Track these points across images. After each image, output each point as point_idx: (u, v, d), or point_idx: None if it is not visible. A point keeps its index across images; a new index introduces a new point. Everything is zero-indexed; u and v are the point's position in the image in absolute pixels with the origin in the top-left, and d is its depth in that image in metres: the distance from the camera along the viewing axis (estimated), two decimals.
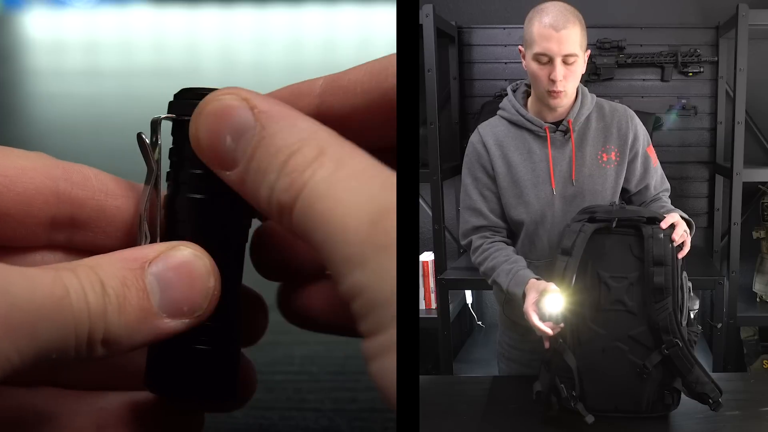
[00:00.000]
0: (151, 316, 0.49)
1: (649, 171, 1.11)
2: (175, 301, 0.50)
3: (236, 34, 3.00)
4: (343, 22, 3.08)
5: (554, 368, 0.93)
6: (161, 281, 0.49)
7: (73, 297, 0.46)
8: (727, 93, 1.80)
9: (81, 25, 3.16)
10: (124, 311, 0.48)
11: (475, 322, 2.00)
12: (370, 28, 2.91)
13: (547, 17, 1.03)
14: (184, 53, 2.77)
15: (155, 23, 3.17)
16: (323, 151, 0.47)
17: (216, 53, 2.77)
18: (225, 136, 0.48)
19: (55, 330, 0.45)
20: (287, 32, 3.00)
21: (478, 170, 1.11)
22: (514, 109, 1.10)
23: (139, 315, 0.48)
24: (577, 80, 1.06)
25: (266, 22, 3.14)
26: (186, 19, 3.18)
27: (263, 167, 0.47)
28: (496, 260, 1.06)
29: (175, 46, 2.85)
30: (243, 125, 0.48)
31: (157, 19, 3.23)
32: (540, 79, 1.05)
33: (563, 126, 1.08)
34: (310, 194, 0.46)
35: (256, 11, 3.19)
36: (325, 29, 3.03)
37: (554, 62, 1.02)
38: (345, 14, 3.11)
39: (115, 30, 3.04)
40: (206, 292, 0.51)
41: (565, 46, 1.02)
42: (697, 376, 0.91)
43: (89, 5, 3.34)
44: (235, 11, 3.19)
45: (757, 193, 1.76)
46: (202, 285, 0.51)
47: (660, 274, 0.91)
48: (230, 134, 0.48)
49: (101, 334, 0.47)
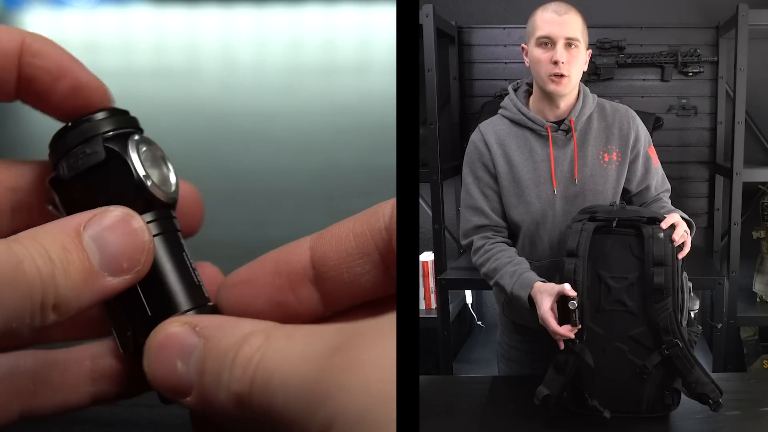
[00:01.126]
0: (93, 276, 0.51)
1: (650, 171, 1.11)
2: (114, 259, 0.52)
3: (236, 34, 3.00)
4: (343, 22, 3.08)
5: (570, 370, 0.93)
6: (98, 242, 0.51)
7: (26, 264, 0.47)
8: (727, 93, 1.80)
9: (81, 25, 3.15)
10: (69, 275, 0.49)
11: (475, 322, 2.00)
12: (370, 28, 2.90)
13: (550, 7, 1.06)
14: (184, 53, 2.77)
15: (155, 23, 3.17)
16: (270, 335, 0.48)
17: (216, 53, 2.77)
18: (175, 362, 0.50)
19: (14, 298, 0.47)
20: (287, 32, 3.00)
21: (480, 169, 1.11)
22: (516, 107, 1.10)
23: (83, 276, 0.50)
24: (580, 70, 1.06)
25: (266, 22, 3.13)
26: (186, 19, 3.18)
27: (215, 373, 0.48)
28: (499, 262, 1.06)
29: (175, 46, 2.84)
30: (189, 347, 0.50)
31: (157, 19, 3.22)
32: (542, 62, 1.04)
33: (565, 125, 1.08)
34: (264, 372, 0.46)
35: (256, 11, 3.18)
36: (325, 29, 3.03)
37: (556, 45, 1.03)
38: (345, 14, 3.10)
39: (115, 30, 3.03)
40: (142, 246, 0.53)
41: (568, 28, 1.03)
42: (697, 376, 0.91)
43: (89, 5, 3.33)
44: (235, 11, 3.19)
45: (757, 193, 1.75)
46: (138, 240, 0.53)
47: (660, 275, 0.91)
48: (180, 359, 0.50)
49: (52, 299, 0.48)
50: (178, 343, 0.50)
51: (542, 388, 0.94)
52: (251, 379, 0.46)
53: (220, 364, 0.48)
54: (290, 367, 0.45)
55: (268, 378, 0.46)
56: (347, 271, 0.55)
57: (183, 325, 0.51)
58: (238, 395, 0.47)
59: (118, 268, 0.52)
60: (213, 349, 0.49)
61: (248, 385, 0.46)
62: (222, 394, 0.48)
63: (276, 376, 0.46)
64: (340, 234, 0.55)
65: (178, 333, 0.50)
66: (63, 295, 0.49)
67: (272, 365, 0.46)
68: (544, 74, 1.05)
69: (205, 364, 0.49)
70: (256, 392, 0.46)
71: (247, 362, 0.47)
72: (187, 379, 0.49)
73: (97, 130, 0.56)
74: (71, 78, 0.57)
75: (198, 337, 0.50)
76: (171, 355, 0.50)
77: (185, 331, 0.50)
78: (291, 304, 0.56)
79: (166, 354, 0.50)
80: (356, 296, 0.56)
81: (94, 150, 0.56)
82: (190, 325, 0.51)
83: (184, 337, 0.50)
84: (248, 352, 0.47)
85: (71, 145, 0.56)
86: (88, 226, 0.52)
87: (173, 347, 0.50)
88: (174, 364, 0.50)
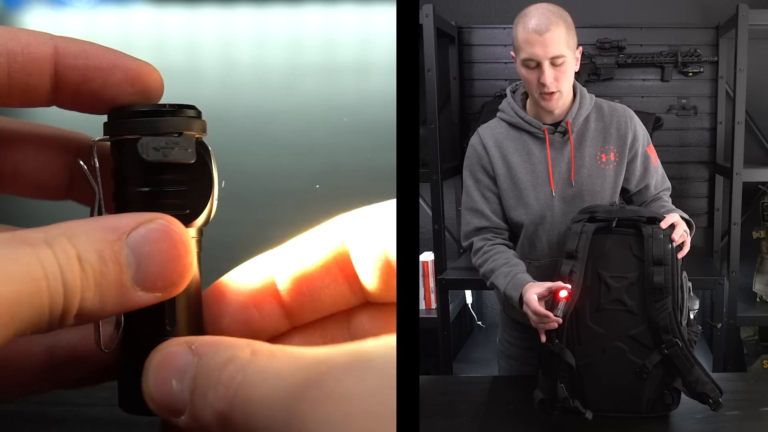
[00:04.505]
0: (125, 290, 0.48)
1: (649, 170, 1.11)
2: (150, 276, 0.49)
3: (236, 34, 3.00)
4: (343, 22, 3.08)
5: (553, 370, 0.93)
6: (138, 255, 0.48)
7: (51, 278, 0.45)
8: (727, 93, 1.80)
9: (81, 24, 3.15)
10: (99, 286, 0.47)
11: (475, 322, 2.00)
12: (370, 28, 2.91)
13: (530, 22, 1.03)
14: (184, 53, 2.77)
15: (155, 23, 3.17)
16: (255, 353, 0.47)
17: (216, 53, 2.77)
18: (171, 381, 0.49)
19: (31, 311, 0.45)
20: (287, 32, 3.00)
21: (479, 172, 1.12)
22: (513, 111, 1.10)
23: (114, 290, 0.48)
24: (570, 80, 1.06)
25: (266, 22, 3.14)
26: (186, 19, 3.18)
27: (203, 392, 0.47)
28: (496, 263, 1.06)
29: (175, 46, 2.85)
30: (184, 365, 0.49)
31: (157, 19, 3.23)
32: (531, 83, 1.05)
33: (562, 127, 1.08)
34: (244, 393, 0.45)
35: (256, 11, 3.19)
36: (325, 29, 3.03)
37: (542, 66, 1.03)
38: (345, 14, 3.11)
39: (115, 30, 3.03)
40: (183, 267, 0.50)
41: (551, 48, 1.02)
42: (697, 376, 0.91)
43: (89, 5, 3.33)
44: (235, 11, 3.19)
45: (757, 193, 1.76)
46: (182, 261, 0.50)
47: (660, 274, 0.92)
48: (175, 378, 0.49)
49: (75, 309, 0.47)
50: (175, 361, 0.49)
51: (537, 392, 0.94)
52: (233, 399, 0.46)
53: (207, 382, 0.47)
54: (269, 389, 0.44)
55: (248, 399, 0.45)
56: (307, 287, 0.55)
57: (181, 344, 0.50)
58: (220, 414, 0.46)
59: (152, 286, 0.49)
60: (204, 367, 0.48)
61: (230, 404, 0.46)
62: (207, 413, 0.47)
63: (254, 396, 0.45)
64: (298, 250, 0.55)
65: (175, 352, 0.49)
66: (87, 306, 0.47)
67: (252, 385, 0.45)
68: (534, 92, 1.05)
69: (196, 382, 0.48)
70: (237, 412, 0.45)
71: (230, 381, 0.46)
72: (181, 398, 0.48)
73: (192, 128, 0.53)
74: (123, 68, 0.54)
75: (192, 356, 0.49)
76: (168, 374, 0.49)
77: (182, 349, 0.49)
78: (256, 321, 0.55)
79: (164, 372, 0.49)
80: (319, 311, 0.56)
81: (187, 147, 0.52)
82: (188, 344, 0.50)
83: (181, 355, 0.49)
84: (232, 370, 0.46)
85: (164, 130, 0.52)
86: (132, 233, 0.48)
87: (171, 366, 0.49)
88: (170, 382, 0.49)
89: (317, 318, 0.56)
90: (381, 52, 2.37)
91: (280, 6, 3.20)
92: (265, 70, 2.42)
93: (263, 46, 2.85)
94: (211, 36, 3.00)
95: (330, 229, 0.55)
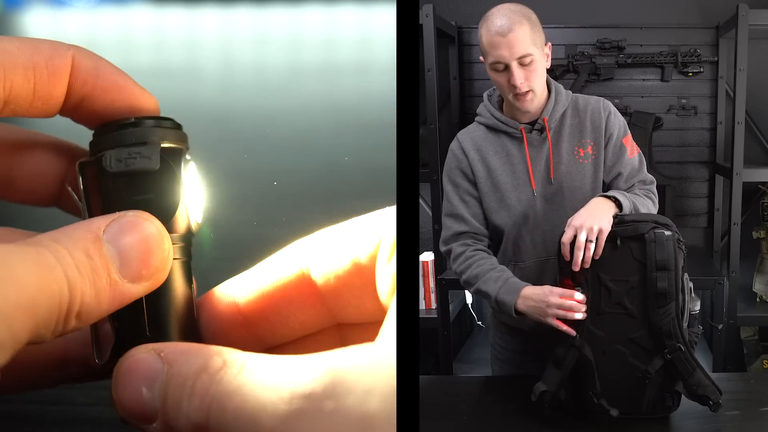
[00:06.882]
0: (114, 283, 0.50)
1: (621, 160, 1.09)
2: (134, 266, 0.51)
3: (236, 34, 3.00)
4: (343, 22, 3.08)
5: (568, 364, 0.93)
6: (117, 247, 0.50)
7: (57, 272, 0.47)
8: (727, 93, 1.80)
9: (81, 24, 3.15)
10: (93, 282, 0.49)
11: (475, 322, 2.00)
12: (370, 28, 2.90)
13: (493, 24, 1.03)
14: (184, 53, 2.77)
15: (155, 23, 3.17)
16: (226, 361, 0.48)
17: (216, 53, 2.77)
18: (141, 388, 0.49)
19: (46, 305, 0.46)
20: (287, 32, 3.00)
21: (458, 176, 1.11)
22: (490, 113, 1.10)
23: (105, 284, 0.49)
24: (542, 77, 1.06)
25: (266, 22, 3.14)
26: (186, 19, 3.18)
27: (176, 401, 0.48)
28: (481, 268, 1.05)
29: (175, 46, 2.85)
30: (154, 372, 0.49)
31: (157, 18, 3.22)
32: (502, 86, 1.05)
33: (538, 125, 1.08)
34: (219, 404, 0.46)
35: (256, 11, 3.18)
36: (325, 29, 3.03)
37: (510, 67, 1.02)
38: (345, 14, 3.11)
39: (115, 30, 3.03)
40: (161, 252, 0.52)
41: (516, 48, 1.01)
42: (699, 378, 0.91)
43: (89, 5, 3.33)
44: (235, 11, 3.19)
45: (757, 193, 1.76)
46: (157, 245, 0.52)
47: (663, 279, 0.91)
48: (144, 385, 0.49)
49: (77, 307, 0.48)
50: (143, 368, 0.49)
51: (540, 384, 0.94)
52: (207, 411, 0.46)
53: (181, 391, 0.48)
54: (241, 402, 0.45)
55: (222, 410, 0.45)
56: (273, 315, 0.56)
57: (149, 351, 0.50)
58: (196, 426, 0.46)
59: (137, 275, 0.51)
60: (175, 375, 0.48)
61: (206, 416, 0.46)
62: (182, 423, 0.47)
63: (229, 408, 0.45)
64: (260, 278, 0.56)
65: (143, 359, 0.50)
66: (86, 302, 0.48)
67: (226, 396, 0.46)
68: (507, 94, 1.05)
69: (167, 391, 0.48)
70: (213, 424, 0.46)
71: (204, 393, 0.46)
72: (152, 405, 0.48)
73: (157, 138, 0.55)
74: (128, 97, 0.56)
75: (162, 363, 0.49)
76: (137, 381, 0.49)
77: (151, 356, 0.50)
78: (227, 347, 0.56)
79: (132, 379, 0.49)
80: (288, 336, 0.56)
81: (150, 156, 0.54)
82: (156, 351, 0.50)
83: (150, 362, 0.49)
84: (206, 381, 0.47)
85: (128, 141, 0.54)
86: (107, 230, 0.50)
87: (139, 373, 0.49)
88: (139, 389, 0.49)
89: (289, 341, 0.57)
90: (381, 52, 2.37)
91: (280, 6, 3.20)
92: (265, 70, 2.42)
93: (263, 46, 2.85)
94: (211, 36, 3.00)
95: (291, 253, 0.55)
